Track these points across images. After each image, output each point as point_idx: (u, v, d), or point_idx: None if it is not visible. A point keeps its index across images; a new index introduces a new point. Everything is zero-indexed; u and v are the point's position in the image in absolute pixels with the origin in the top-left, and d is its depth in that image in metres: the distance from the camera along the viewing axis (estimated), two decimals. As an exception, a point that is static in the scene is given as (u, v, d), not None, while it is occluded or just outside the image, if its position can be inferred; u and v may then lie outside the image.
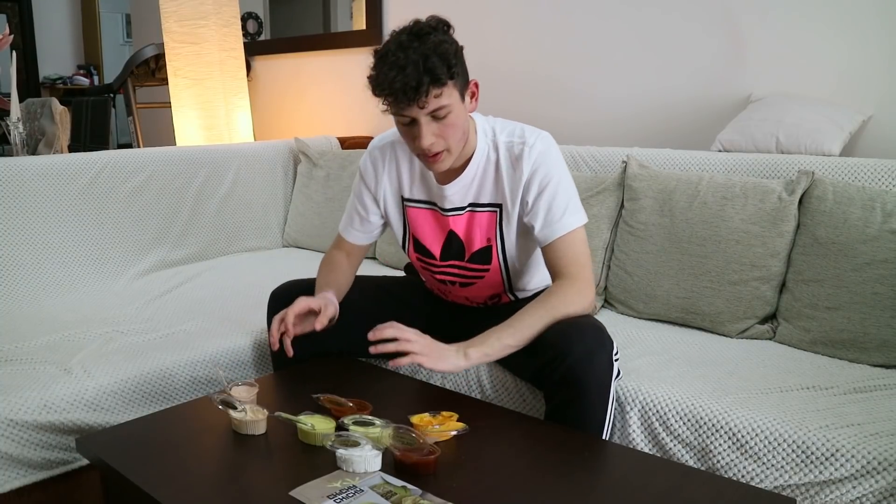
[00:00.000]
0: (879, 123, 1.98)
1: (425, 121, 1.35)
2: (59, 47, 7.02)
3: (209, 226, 2.58)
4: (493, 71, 2.78)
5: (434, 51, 1.30)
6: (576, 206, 1.47)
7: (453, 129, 1.38)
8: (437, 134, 1.37)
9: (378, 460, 1.12)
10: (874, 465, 1.20)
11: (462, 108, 1.39)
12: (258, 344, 1.80)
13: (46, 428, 1.46)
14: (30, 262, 2.09)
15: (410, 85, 1.29)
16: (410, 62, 1.29)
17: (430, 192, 1.56)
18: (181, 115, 3.16)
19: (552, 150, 1.48)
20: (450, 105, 1.34)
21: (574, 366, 1.30)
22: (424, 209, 1.59)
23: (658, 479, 1.13)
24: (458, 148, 1.42)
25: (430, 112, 1.34)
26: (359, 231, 1.67)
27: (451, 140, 1.39)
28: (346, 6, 3.46)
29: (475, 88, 1.43)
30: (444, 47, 1.32)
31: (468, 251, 1.57)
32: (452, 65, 1.32)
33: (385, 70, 1.31)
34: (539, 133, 1.49)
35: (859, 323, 1.60)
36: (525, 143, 1.46)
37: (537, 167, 1.45)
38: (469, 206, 1.53)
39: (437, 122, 1.36)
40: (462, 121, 1.39)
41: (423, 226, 1.60)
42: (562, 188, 1.46)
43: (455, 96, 1.36)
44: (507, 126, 1.52)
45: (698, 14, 2.28)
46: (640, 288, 1.92)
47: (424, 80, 1.29)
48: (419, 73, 1.29)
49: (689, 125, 2.33)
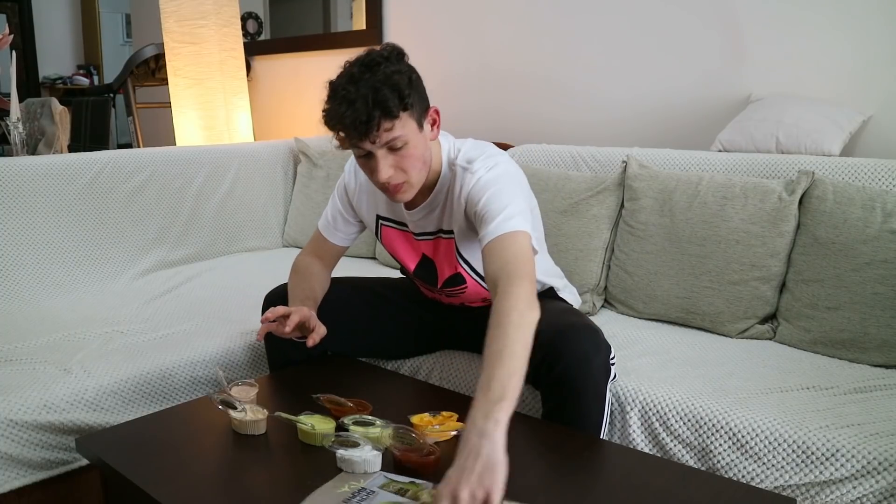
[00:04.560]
0: (879, 123, 1.98)
1: (381, 154, 1.30)
2: (59, 47, 7.01)
3: (209, 226, 2.58)
4: (493, 71, 2.79)
5: (385, 82, 1.26)
6: (511, 213, 1.32)
7: (411, 160, 1.32)
8: (395, 166, 1.32)
9: (378, 461, 1.12)
10: (874, 465, 1.20)
11: (420, 138, 1.33)
12: (258, 344, 1.80)
13: (46, 428, 1.46)
14: (30, 262, 2.09)
15: (361, 119, 1.25)
16: (360, 96, 1.24)
17: (401, 215, 1.54)
18: (181, 115, 3.16)
19: (500, 179, 1.38)
20: (405, 136, 1.29)
21: (569, 367, 1.30)
22: (397, 230, 1.57)
23: (658, 479, 1.13)
24: (419, 178, 1.36)
25: (384, 144, 1.29)
26: (341, 232, 1.64)
27: (411, 171, 1.33)
28: (346, 6, 3.46)
29: (436, 115, 1.38)
30: (395, 78, 1.27)
31: (440, 278, 1.56)
32: (405, 95, 1.27)
33: (335, 105, 1.27)
34: (494, 159, 1.41)
35: (859, 323, 1.60)
36: (469, 171, 1.39)
37: (473, 190, 1.37)
38: (438, 231, 1.51)
39: (394, 154, 1.31)
40: (421, 150, 1.34)
41: (397, 246, 1.59)
42: (496, 197, 1.34)
43: (411, 126, 1.30)
44: (469, 152, 1.44)
45: (698, 14, 2.28)
46: (639, 288, 1.92)
47: (375, 115, 1.25)
48: (368, 107, 1.24)
49: (689, 125, 2.33)
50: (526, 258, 1.27)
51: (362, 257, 2.58)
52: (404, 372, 1.72)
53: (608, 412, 1.37)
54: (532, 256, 1.30)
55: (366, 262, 2.53)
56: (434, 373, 1.68)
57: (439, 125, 1.40)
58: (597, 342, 1.35)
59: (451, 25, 2.84)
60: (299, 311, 1.41)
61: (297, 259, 1.66)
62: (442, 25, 2.91)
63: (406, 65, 1.32)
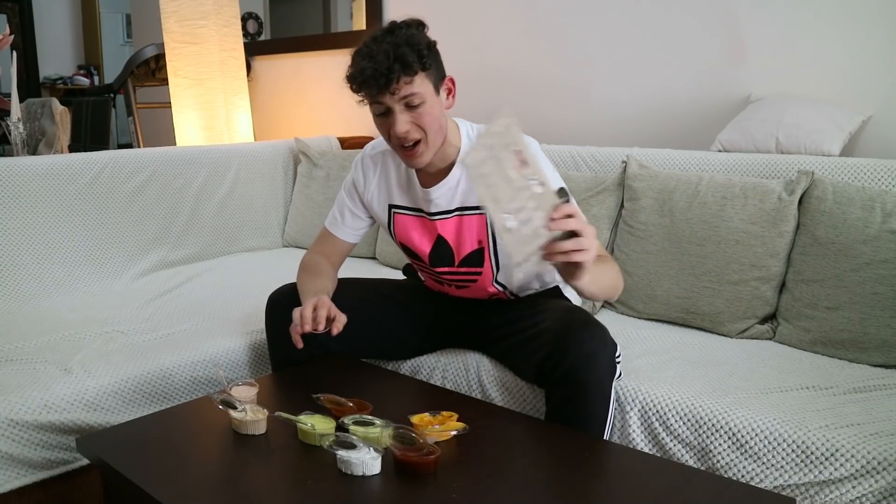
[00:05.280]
0: (879, 123, 1.98)
1: (399, 108, 1.37)
2: (59, 47, 7.02)
3: (209, 226, 2.58)
4: (493, 71, 2.79)
5: (405, 42, 1.34)
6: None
7: (429, 119, 1.39)
8: (413, 122, 1.39)
9: (378, 463, 1.12)
10: (874, 465, 1.20)
11: (437, 101, 1.41)
12: (258, 344, 1.80)
13: (46, 428, 1.46)
14: (30, 262, 2.09)
15: (381, 71, 1.33)
16: (381, 52, 1.33)
17: (416, 199, 1.57)
18: (181, 115, 3.16)
19: (531, 150, 1.46)
20: (422, 94, 1.37)
21: (576, 363, 1.31)
22: (412, 216, 1.59)
23: (658, 479, 1.13)
24: (435, 140, 1.43)
25: (402, 99, 1.36)
26: (348, 228, 1.67)
27: (428, 130, 1.40)
28: (346, 6, 3.46)
29: (451, 85, 1.46)
30: (415, 39, 1.36)
31: (458, 256, 1.57)
32: (424, 55, 1.35)
33: (358, 59, 1.36)
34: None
35: (859, 323, 1.60)
36: None
37: None
38: (457, 209, 1.54)
39: (411, 111, 1.38)
40: (437, 112, 1.41)
41: (410, 232, 1.60)
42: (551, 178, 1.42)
43: (428, 87, 1.38)
44: None
45: (698, 14, 2.28)
46: (640, 288, 1.92)
47: (395, 68, 1.33)
48: (389, 60, 1.33)
49: (689, 125, 2.33)
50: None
51: (362, 257, 2.58)
52: (404, 372, 1.72)
53: (613, 410, 1.37)
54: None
55: (366, 263, 2.53)
56: (434, 373, 1.68)
57: (454, 95, 1.47)
58: (603, 340, 1.35)
59: (450, 25, 2.84)
60: (324, 304, 1.43)
61: (305, 258, 1.68)
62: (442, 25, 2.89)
63: (424, 34, 1.40)
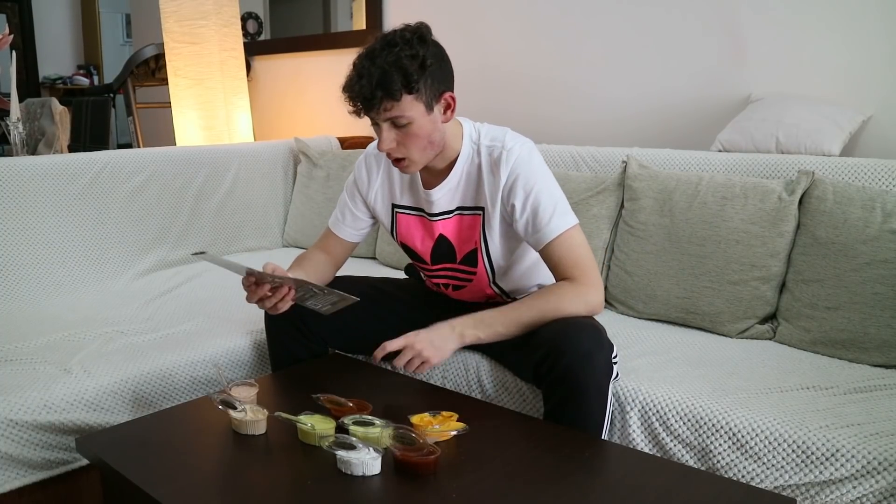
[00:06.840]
0: (879, 123, 1.98)
1: (385, 126, 1.39)
2: (59, 47, 7.01)
3: (209, 226, 2.58)
4: (494, 71, 2.79)
5: (395, 64, 1.33)
6: (563, 208, 1.46)
7: (414, 140, 1.40)
8: (397, 140, 1.40)
9: (377, 463, 1.11)
10: (874, 465, 1.20)
11: (427, 120, 1.40)
12: (258, 344, 1.80)
13: (46, 428, 1.46)
14: (30, 262, 2.09)
15: (365, 96, 1.35)
16: (368, 74, 1.34)
17: (418, 199, 1.58)
18: (181, 115, 3.16)
19: (532, 156, 1.48)
20: (409, 115, 1.37)
21: (572, 364, 1.31)
22: (413, 215, 1.60)
23: (658, 479, 1.13)
24: (421, 156, 1.43)
25: (387, 119, 1.38)
26: (349, 227, 1.67)
27: (412, 149, 1.41)
28: (346, 6, 3.46)
29: (451, 100, 1.43)
30: (404, 62, 1.34)
31: (459, 253, 1.58)
32: (413, 79, 1.34)
33: (352, 74, 1.38)
34: (520, 139, 1.50)
35: (859, 323, 1.60)
36: (504, 148, 1.47)
37: (517, 172, 1.45)
38: (457, 209, 1.55)
39: (398, 130, 1.39)
40: (427, 131, 1.40)
41: (412, 231, 1.61)
42: (545, 192, 1.45)
43: (417, 108, 1.37)
44: (492, 131, 1.53)
45: (698, 14, 2.28)
46: (640, 288, 1.92)
47: (377, 94, 1.34)
48: (372, 86, 1.34)
49: (689, 125, 2.33)
50: (585, 259, 1.44)
51: (363, 257, 2.58)
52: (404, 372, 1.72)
53: (610, 411, 1.37)
54: (589, 251, 1.46)
55: (366, 263, 2.53)
56: (434, 373, 1.68)
57: (454, 110, 1.46)
58: (599, 340, 1.36)
59: (451, 25, 2.84)
60: (266, 267, 1.45)
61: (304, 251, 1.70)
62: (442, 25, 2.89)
63: (426, 48, 1.38)
